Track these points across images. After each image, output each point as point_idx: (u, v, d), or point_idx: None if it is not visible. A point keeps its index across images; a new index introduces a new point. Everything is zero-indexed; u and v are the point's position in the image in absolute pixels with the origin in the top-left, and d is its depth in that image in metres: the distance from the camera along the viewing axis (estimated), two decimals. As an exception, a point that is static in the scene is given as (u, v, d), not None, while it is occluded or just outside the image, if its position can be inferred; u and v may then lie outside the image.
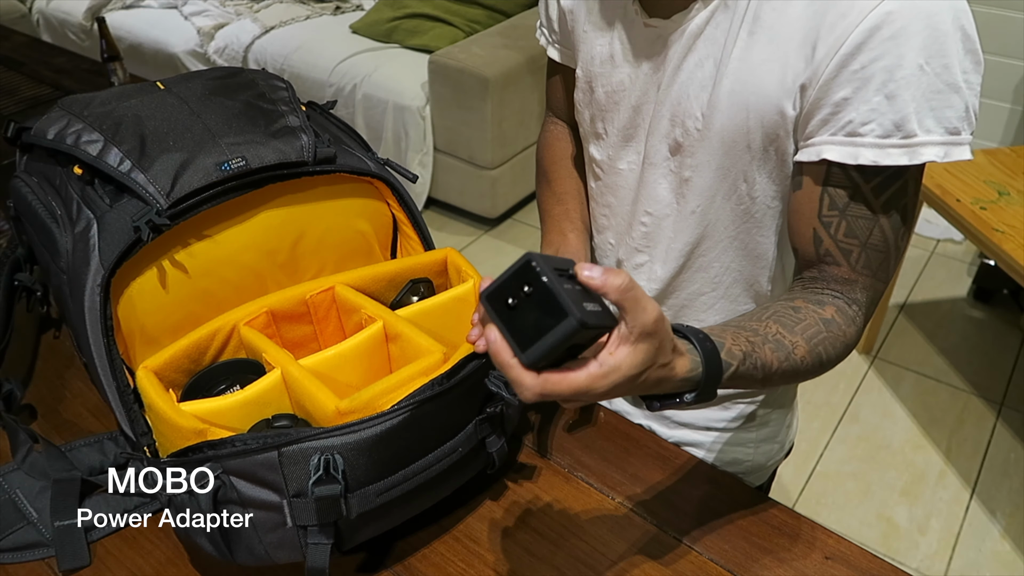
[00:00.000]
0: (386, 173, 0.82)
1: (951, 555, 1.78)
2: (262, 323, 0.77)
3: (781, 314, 0.67)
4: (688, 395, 0.57)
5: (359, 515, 0.64)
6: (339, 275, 0.81)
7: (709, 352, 0.57)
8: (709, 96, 0.70)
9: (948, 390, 2.21)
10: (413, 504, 0.70)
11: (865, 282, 0.69)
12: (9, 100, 1.74)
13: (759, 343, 0.63)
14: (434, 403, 0.66)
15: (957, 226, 1.88)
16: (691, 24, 0.69)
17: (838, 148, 0.64)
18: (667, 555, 0.72)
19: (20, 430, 0.80)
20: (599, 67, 0.78)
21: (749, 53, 0.67)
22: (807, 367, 0.66)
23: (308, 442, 0.61)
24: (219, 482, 0.63)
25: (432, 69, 2.61)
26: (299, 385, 0.68)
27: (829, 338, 0.67)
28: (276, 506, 0.63)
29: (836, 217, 0.68)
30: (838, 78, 0.62)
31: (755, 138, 0.69)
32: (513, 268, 0.47)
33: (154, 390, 0.66)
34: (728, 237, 0.77)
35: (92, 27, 3.34)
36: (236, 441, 0.62)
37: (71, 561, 0.72)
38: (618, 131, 0.79)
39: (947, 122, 0.62)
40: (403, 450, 0.65)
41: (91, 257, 0.67)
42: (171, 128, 0.72)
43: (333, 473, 0.61)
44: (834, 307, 0.69)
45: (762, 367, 0.62)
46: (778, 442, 0.96)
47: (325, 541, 0.63)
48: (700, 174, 0.73)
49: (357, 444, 0.62)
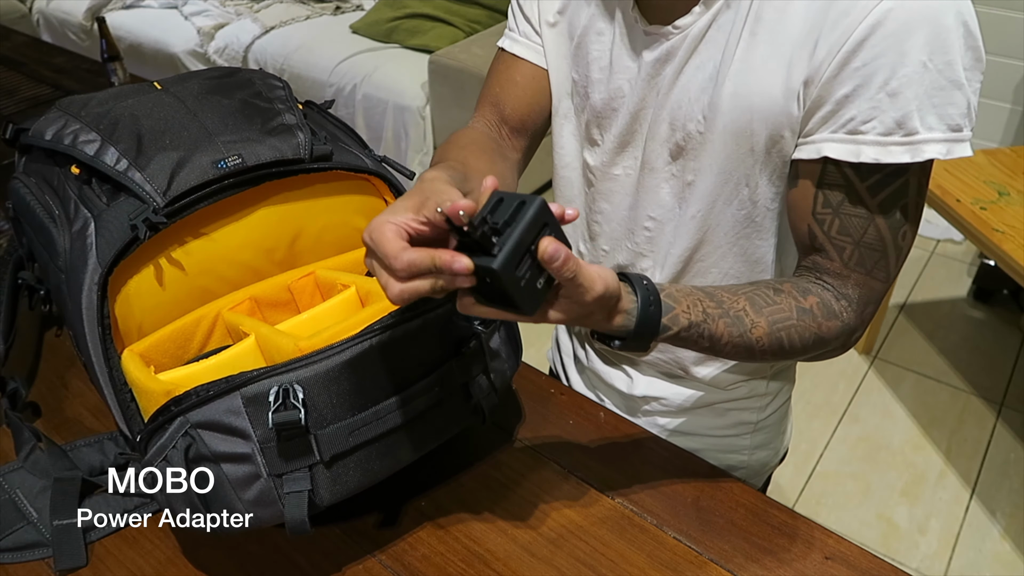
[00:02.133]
0: (383, 170, 0.82)
1: (951, 555, 1.78)
2: (246, 309, 0.77)
3: (757, 293, 0.69)
4: (616, 341, 0.64)
5: (336, 462, 0.63)
6: (321, 262, 0.82)
7: (648, 315, 0.62)
8: (710, 98, 0.69)
9: (948, 390, 2.21)
10: (394, 452, 0.68)
11: (858, 279, 0.69)
12: (9, 100, 1.74)
13: (716, 316, 0.66)
14: (395, 335, 0.66)
15: (957, 226, 1.88)
16: (693, 28, 0.69)
17: (839, 145, 0.64)
18: (667, 555, 0.72)
19: (24, 428, 0.80)
20: (597, 73, 0.78)
21: (752, 54, 0.66)
22: (764, 348, 0.68)
23: (266, 379, 0.61)
24: (188, 438, 0.62)
25: (432, 69, 2.61)
26: (269, 342, 0.68)
27: (798, 326, 0.68)
28: (247, 457, 0.62)
29: (830, 215, 0.68)
30: (840, 75, 0.62)
31: (759, 140, 0.69)
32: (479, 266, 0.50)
33: (134, 365, 0.66)
34: (727, 242, 0.77)
35: (92, 27, 3.34)
36: (198, 391, 0.62)
37: (68, 561, 0.72)
38: (615, 137, 0.79)
39: (949, 119, 0.62)
40: (369, 385, 0.65)
41: (88, 256, 0.67)
42: (168, 127, 0.72)
43: (293, 402, 0.61)
44: (817, 298, 0.69)
45: (709, 337, 0.66)
46: (772, 448, 0.96)
47: (299, 489, 0.63)
48: (703, 178, 0.73)
49: (316, 376, 0.62)
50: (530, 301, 0.53)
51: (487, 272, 0.50)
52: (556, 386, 0.91)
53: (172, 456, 0.63)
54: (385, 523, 0.75)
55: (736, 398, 0.90)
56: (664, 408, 0.92)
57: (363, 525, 0.75)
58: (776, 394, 0.92)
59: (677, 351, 0.86)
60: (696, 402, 0.90)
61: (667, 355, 0.87)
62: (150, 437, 0.64)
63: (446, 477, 0.79)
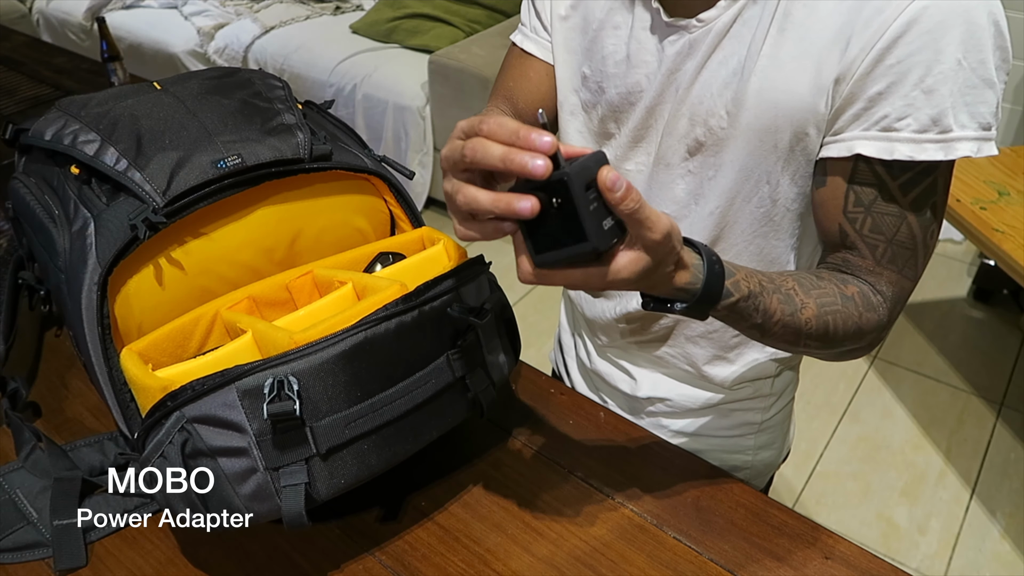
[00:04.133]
0: (383, 170, 0.82)
1: (951, 555, 1.78)
2: (244, 308, 0.77)
3: (802, 277, 0.68)
4: (680, 304, 0.61)
5: (332, 455, 0.63)
6: (319, 261, 0.81)
7: (715, 274, 0.60)
8: (734, 94, 0.68)
9: (948, 390, 2.20)
10: (392, 445, 0.68)
11: (891, 277, 0.69)
12: (9, 100, 1.74)
13: (770, 290, 0.64)
14: (390, 326, 0.66)
15: (957, 226, 1.88)
16: (717, 22, 0.68)
17: (872, 143, 0.64)
18: (667, 555, 0.72)
19: (25, 428, 0.80)
20: (613, 68, 0.77)
21: (779, 51, 0.66)
22: (811, 331, 0.66)
23: (262, 371, 0.61)
24: (185, 433, 0.62)
25: (432, 69, 2.61)
26: (266, 338, 0.68)
27: (843, 312, 0.67)
28: (243, 450, 0.62)
29: (862, 213, 0.67)
30: (873, 72, 0.62)
31: (783, 137, 0.68)
32: (549, 180, 0.49)
33: (132, 362, 0.66)
34: (744, 241, 0.76)
35: (92, 27, 3.34)
36: (193, 386, 0.62)
37: (68, 561, 0.72)
38: (629, 131, 0.78)
39: (981, 117, 0.62)
40: (365, 376, 0.65)
41: (88, 256, 0.67)
42: (167, 127, 0.72)
43: (288, 393, 0.61)
44: (857, 288, 0.69)
45: (763, 312, 0.64)
46: (776, 448, 0.96)
47: (296, 482, 0.63)
48: (723, 174, 0.72)
49: (311, 367, 0.62)
50: (598, 232, 0.50)
51: (559, 187, 0.49)
52: (556, 386, 0.91)
53: (169, 452, 0.62)
54: (385, 523, 0.75)
55: (741, 399, 0.89)
56: (668, 409, 0.92)
57: (363, 525, 0.75)
58: (781, 394, 0.91)
59: (691, 347, 0.86)
60: (701, 403, 0.90)
61: (678, 349, 0.87)
62: (147, 434, 0.64)
63: (446, 477, 0.79)
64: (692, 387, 0.90)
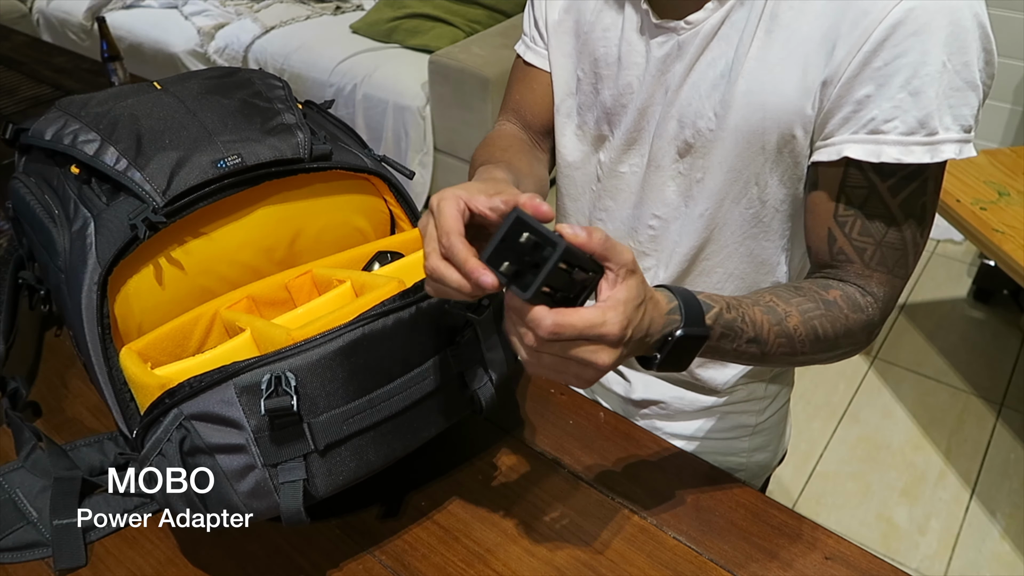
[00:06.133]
0: (383, 170, 0.82)
1: (951, 555, 1.78)
2: (243, 307, 0.77)
3: (780, 289, 0.68)
4: (679, 331, 0.59)
5: (330, 451, 0.63)
6: (319, 261, 0.81)
7: (686, 292, 0.61)
8: (722, 96, 0.69)
9: (948, 390, 2.20)
10: (390, 441, 0.68)
11: (881, 278, 0.69)
12: (9, 100, 1.74)
13: (748, 303, 0.65)
14: (388, 323, 0.66)
15: (957, 226, 1.88)
16: (706, 24, 0.68)
17: (860, 146, 0.64)
18: (667, 555, 0.72)
19: (25, 428, 0.80)
20: (605, 70, 0.77)
21: (767, 52, 0.66)
22: (802, 338, 0.66)
23: (259, 367, 0.61)
24: (183, 430, 0.62)
25: (432, 69, 2.61)
26: (264, 335, 0.68)
27: (827, 316, 0.67)
28: (242, 447, 0.62)
29: (852, 217, 0.67)
30: (861, 75, 0.62)
31: (770, 139, 0.68)
32: (503, 228, 0.51)
33: (131, 361, 0.66)
34: (734, 242, 0.77)
35: (92, 27, 3.34)
36: (191, 383, 0.62)
37: (68, 561, 0.72)
38: (623, 134, 0.78)
39: (963, 120, 0.62)
40: (362, 372, 0.65)
41: (88, 255, 0.67)
42: (167, 127, 0.72)
43: (285, 388, 0.61)
44: (840, 292, 0.69)
45: (752, 323, 0.64)
46: (771, 450, 0.96)
47: (294, 478, 0.62)
48: (711, 176, 0.73)
49: (308, 363, 0.62)
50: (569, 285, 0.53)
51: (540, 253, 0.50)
52: (556, 386, 0.91)
53: (167, 450, 0.62)
54: (384, 522, 0.75)
55: (735, 401, 0.89)
56: (662, 412, 0.92)
57: (362, 524, 0.75)
58: (775, 397, 0.91)
59: None
60: (695, 406, 0.90)
61: None
62: (146, 431, 0.64)
63: (446, 476, 0.79)
64: (686, 390, 0.90)
